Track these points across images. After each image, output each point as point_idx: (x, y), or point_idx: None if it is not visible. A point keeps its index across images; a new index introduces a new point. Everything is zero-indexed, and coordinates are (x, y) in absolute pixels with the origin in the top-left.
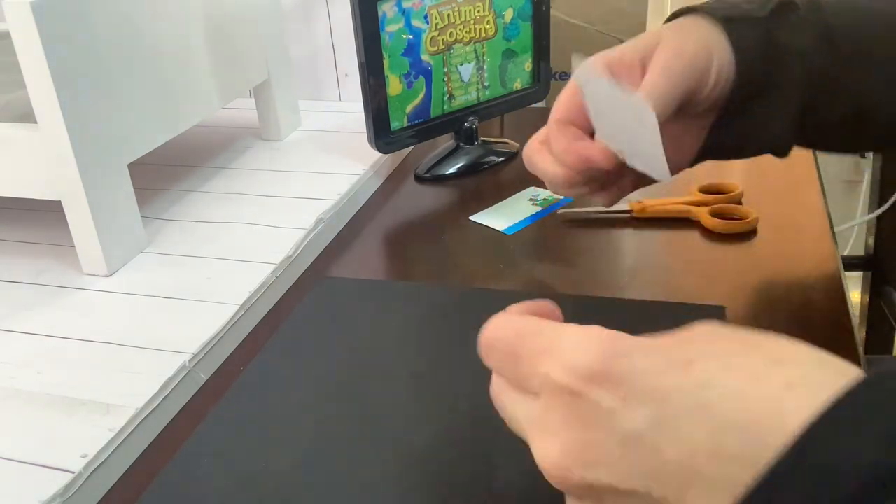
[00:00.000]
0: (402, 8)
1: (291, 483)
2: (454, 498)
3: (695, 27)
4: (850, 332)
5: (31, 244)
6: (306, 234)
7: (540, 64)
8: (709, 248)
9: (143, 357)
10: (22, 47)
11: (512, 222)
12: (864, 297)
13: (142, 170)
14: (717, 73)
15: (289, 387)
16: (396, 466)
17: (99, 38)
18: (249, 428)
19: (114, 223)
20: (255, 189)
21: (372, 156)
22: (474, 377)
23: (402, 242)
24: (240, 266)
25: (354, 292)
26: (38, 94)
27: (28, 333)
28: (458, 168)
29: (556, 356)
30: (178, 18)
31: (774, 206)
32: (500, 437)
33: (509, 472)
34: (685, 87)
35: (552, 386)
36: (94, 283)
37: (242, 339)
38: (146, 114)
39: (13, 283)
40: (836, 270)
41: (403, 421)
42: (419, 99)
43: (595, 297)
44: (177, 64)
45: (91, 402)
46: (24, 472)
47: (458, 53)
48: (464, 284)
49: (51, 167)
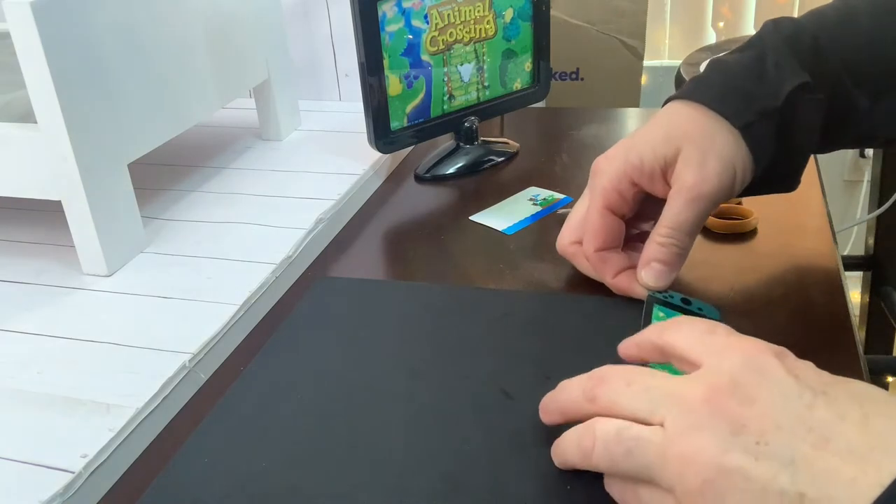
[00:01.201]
0: (402, 8)
1: (291, 483)
2: (454, 498)
3: (713, 138)
4: (850, 332)
5: (31, 244)
6: (306, 234)
7: (540, 64)
8: (709, 248)
9: (143, 357)
10: (22, 47)
11: (512, 222)
12: (864, 297)
13: (142, 170)
14: (740, 183)
15: (288, 387)
16: (396, 466)
17: (99, 38)
18: (249, 428)
19: (114, 223)
20: (255, 189)
21: (372, 156)
22: (474, 377)
23: (402, 242)
24: (240, 266)
25: (354, 292)
26: (38, 94)
27: (28, 333)
28: (458, 168)
29: None
30: (178, 19)
31: (774, 206)
32: (500, 436)
33: (510, 471)
34: (709, 212)
35: None
36: (94, 283)
37: (242, 339)
38: (146, 114)
39: (13, 283)
40: (836, 270)
41: (403, 421)
42: (419, 99)
43: (595, 297)
44: (177, 64)
45: (91, 402)
46: (24, 472)
47: (458, 53)
48: (464, 284)
49: (51, 167)
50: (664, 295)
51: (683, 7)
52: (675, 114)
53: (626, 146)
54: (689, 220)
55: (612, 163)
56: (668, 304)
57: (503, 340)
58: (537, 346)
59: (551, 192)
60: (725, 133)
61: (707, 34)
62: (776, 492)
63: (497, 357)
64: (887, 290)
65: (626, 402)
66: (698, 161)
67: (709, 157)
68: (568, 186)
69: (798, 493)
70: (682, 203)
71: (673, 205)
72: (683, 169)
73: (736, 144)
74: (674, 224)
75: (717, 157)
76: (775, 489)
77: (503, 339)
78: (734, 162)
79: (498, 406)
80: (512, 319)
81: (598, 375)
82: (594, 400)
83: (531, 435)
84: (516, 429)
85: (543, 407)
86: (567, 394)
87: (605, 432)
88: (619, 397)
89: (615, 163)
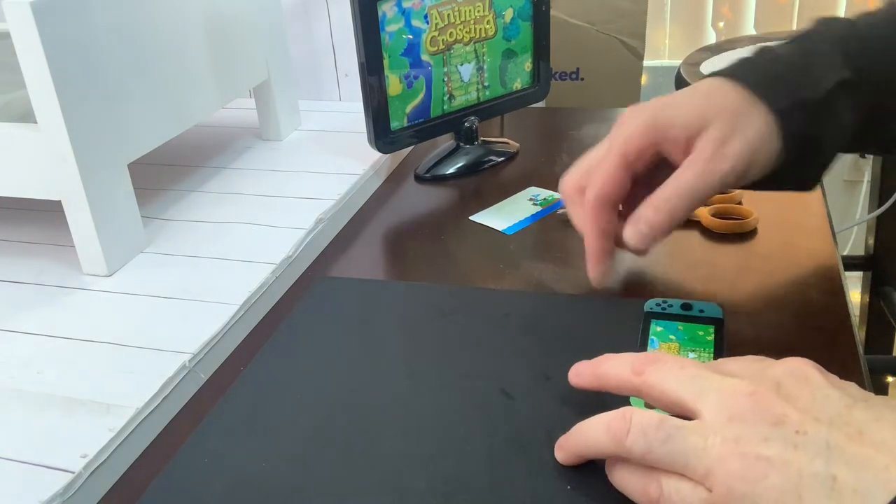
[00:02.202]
0: (402, 8)
1: (291, 483)
2: (455, 498)
3: (745, 119)
4: (850, 332)
5: (31, 244)
6: (306, 234)
7: (540, 64)
8: (709, 248)
9: (143, 357)
10: (22, 47)
11: (512, 222)
12: (864, 297)
13: (142, 170)
14: (758, 170)
15: (288, 387)
16: (396, 466)
17: (99, 38)
18: (249, 428)
19: (114, 223)
20: (255, 189)
21: (372, 156)
22: (474, 377)
23: (402, 242)
24: (240, 266)
25: (354, 292)
26: (38, 94)
27: (28, 333)
28: (458, 168)
29: None
30: (178, 18)
31: (774, 206)
32: (500, 436)
33: (510, 471)
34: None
35: None
36: (94, 283)
37: (242, 339)
38: (146, 114)
39: (13, 283)
40: (836, 270)
41: (403, 420)
42: (419, 99)
43: (595, 297)
44: (177, 64)
45: (91, 402)
46: (24, 472)
47: (458, 53)
48: (464, 284)
49: (51, 167)
50: (662, 306)
51: (683, 7)
52: (715, 89)
53: (658, 105)
54: (694, 190)
55: (641, 115)
56: (666, 314)
57: (503, 340)
58: (537, 346)
59: (551, 192)
60: (759, 117)
61: (707, 34)
62: (810, 474)
63: (497, 357)
64: (887, 290)
65: (675, 384)
66: (722, 138)
67: (735, 136)
68: None
69: (831, 475)
70: (692, 173)
71: (683, 172)
72: (706, 142)
73: (766, 130)
74: (677, 190)
75: (743, 139)
76: (809, 472)
77: (503, 339)
78: (757, 147)
79: (498, 406)
80: (512, 319)
81: (652, 356)
82: (642, 374)
83: (531, 435)
84: (516, 429)
85: (578, 371)
86: (612, 363)
87: (641, 419)
88: (669, 377)
89: (643, 115)
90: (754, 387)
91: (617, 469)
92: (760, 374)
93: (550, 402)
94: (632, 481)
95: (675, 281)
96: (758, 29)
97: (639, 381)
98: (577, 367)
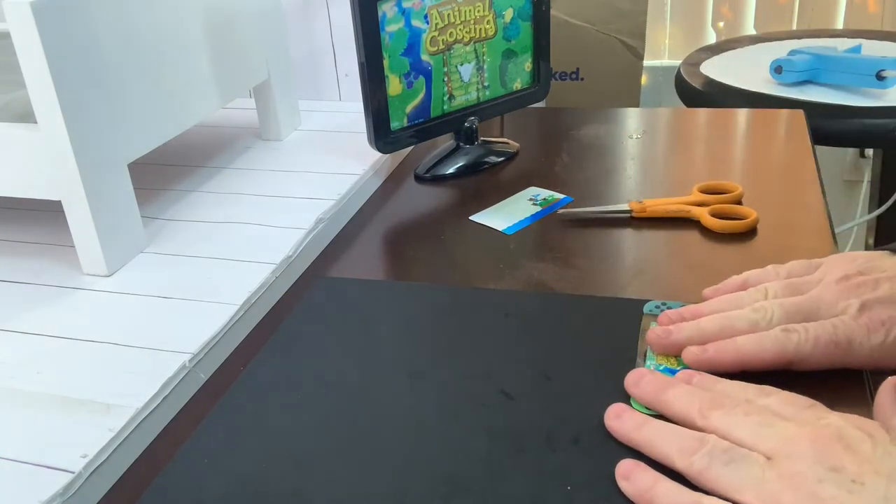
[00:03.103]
0: (402, 8)
1: (291, 483)
2: (454, 498)
3: None
4: None
5: (31, 244)
6: (306, 234)
7: (540, 64)
8: (709, 248)
9: (143, 357)
10: (22, 47)
11: (512, 222)
12: None
13: (142, 170)
14: None
15: (288, 387)
16: (396, 466)
17: (99, 38)
18: (249, 428)
19: (114, 223)
20: (255, 189)
21: (372, 156)
22: (474, 377)
23: (402, 242)
24: (240, 266)
25: (354, 292)
26: (38, 94)
27: (28, 333)
28: (458, 168)
29: None
30: (178, 18)
31: (774, 206)
32: (500, 437)
33: (510, 471)
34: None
35: None
36: (94, 283)
37: (242, 339)
38: (146, 114)
39: (13, 283)
40: None
41: (403, 421)
42: (419, 99)
43: (595, 297)
44: (177, 64)
45: (91, 402)
46: (24, 472)
47: (458, 53)
48: (464, 284)
49: (51, 167)
50: (662, 308)
51: (683, 7)
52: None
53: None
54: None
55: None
56: None
57: (503, 340)
58: (537, 346)
59: (551, 192)
60: None
61: (707, 34)
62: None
63: (497, 357)
64: None
65: (740, 432)
66: None
67: None
68: (568, 186)
69: None
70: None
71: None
72: None
73: None
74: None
75: None
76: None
77: (503, 339)
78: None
79: (498, 406)
80: (512, 319)
81: (718, 397)
82: (708, 419)
83: (531, 435)
84: (516, 429)
85: (636, 382)
86: (678, 396)
87: (716, 445)
88: (735, 426)
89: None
90: (817, 434)
91: (661, 483)
92: (816, 420)
93: (550, 402)
94: (670, 495)
95: (675, 281)
96: (758, 29)
97: (703, 423)
98: (634, 379)
